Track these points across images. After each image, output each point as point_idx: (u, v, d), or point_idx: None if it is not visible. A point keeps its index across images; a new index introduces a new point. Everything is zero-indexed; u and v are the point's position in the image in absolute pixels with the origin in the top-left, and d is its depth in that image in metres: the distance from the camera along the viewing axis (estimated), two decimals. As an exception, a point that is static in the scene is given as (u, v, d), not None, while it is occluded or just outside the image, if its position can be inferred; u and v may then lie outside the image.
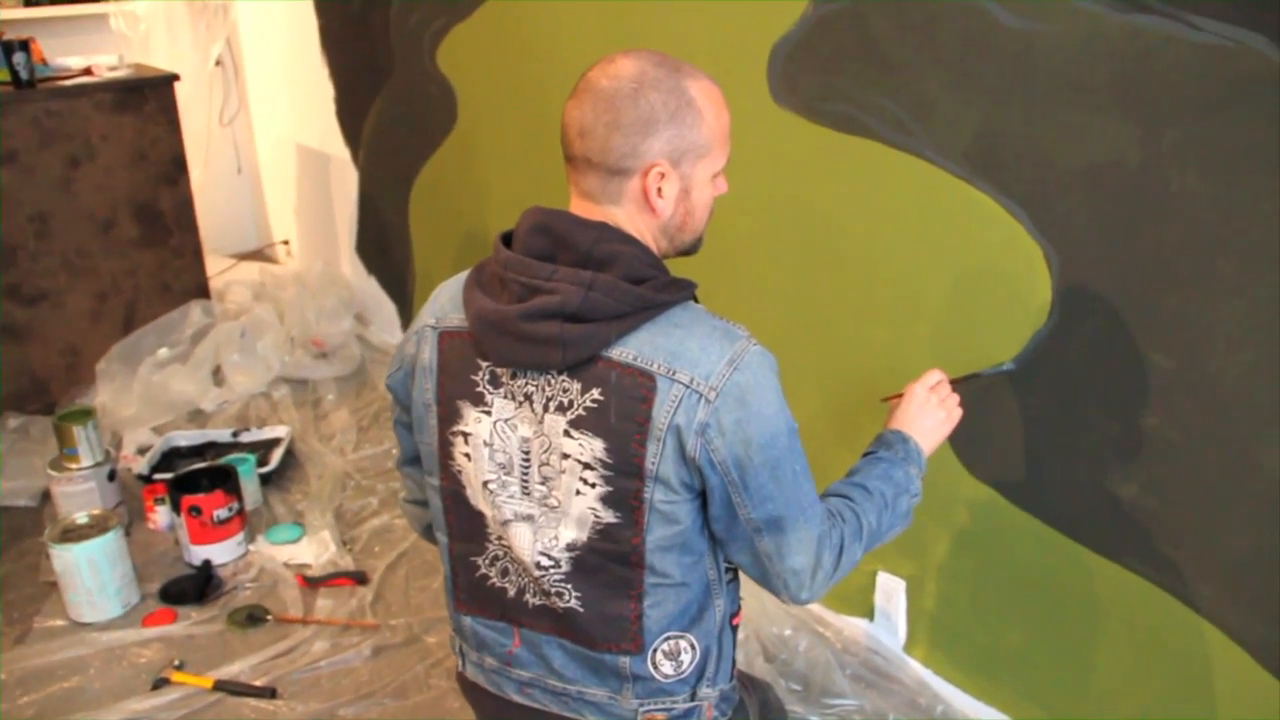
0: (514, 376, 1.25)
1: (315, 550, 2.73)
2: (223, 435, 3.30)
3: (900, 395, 1.55)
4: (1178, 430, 1.61)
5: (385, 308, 4.01)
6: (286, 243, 4.88)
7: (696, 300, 1.28)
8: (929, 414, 1.53)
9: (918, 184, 1.87)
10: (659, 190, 1.24)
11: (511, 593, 1.35)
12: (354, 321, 4.02)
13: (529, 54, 2.78)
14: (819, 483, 1.30)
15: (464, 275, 1.34)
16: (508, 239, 1.27)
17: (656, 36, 2.32)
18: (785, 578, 1.28)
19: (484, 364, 1.27)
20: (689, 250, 1.35)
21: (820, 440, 2.06)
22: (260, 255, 4.99)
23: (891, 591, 2.17)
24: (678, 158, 1.24)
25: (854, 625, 2.28)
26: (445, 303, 1.34)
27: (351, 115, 3.93)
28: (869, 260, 2.02)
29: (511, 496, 1.29)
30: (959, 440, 1.95)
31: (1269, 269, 1.46)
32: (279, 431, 3.31)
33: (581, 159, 1.24)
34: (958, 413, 1.56)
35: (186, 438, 3.28)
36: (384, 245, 3.92)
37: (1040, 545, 1.85)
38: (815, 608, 2.34)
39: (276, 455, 3.14)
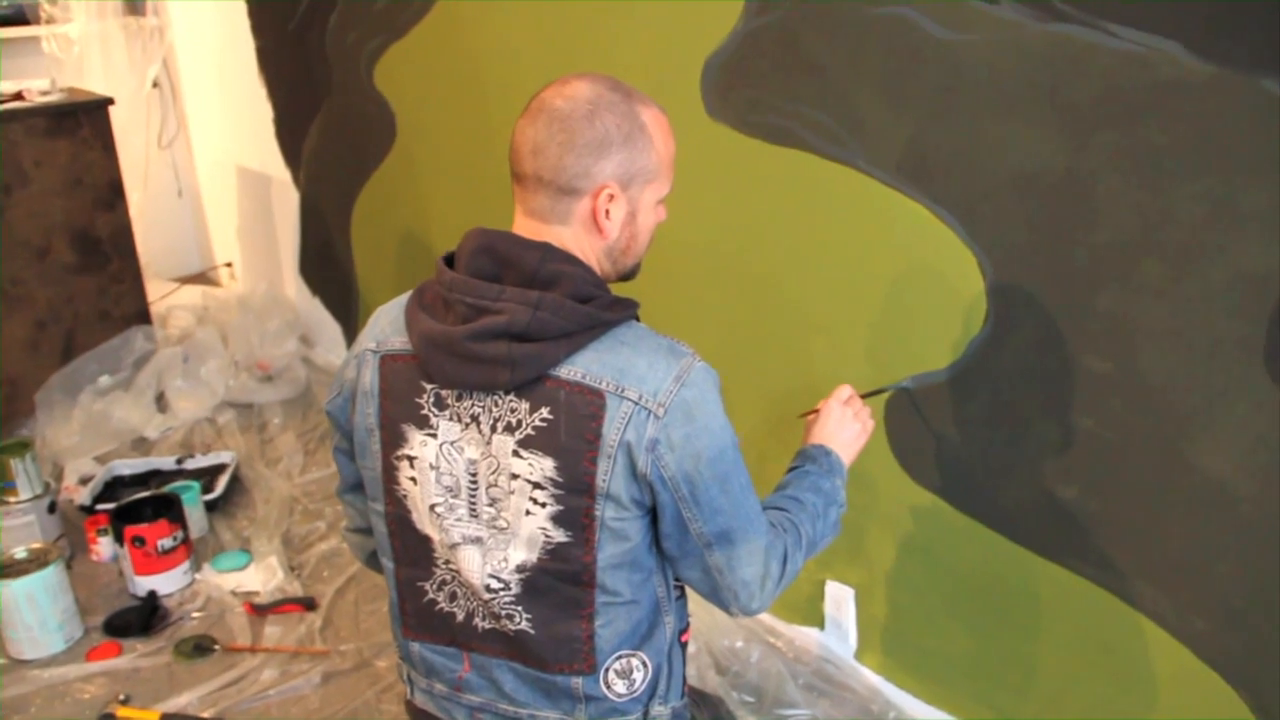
0: (460, 398, 1.25)
1: (263, 577, 2.70)
2: (167, 463, 3.25)
3: (816, 412, 1.61)
4: (1113, 431, 1.63)
5: (330, 329, 3.98)
6: (229, 265, 4.83)
7: (639, 320, 1.29)
8: (846, 427, 1.58)
9: (851, 194, 1.88)
10: (607, 212, 1.25)
11: (460, 617, 1.35)
12: (299, 343, 3.98)
13: (466, 72, 2.78)
14: (762, 493, 1.32)
15: (403, 299, 1.34)
16: (450, 261, 1.28)
17: (591, 51, 2.33)
18: (736, 590, 1.30)
19: (429, 386, 1.27)
20: (629, 275, 1.36)
21: (762, 450, 2.07)
22: (203, 278, 4.94)
23: (841, 600, 2.18)
24: (627, 181, 1.26)
25: (805, 635, 2.29)
26: (385, 326, 1.34)
27: (291, 135, 3.89)
28: (806, 271, 2.03)
29: (459, 519, 1.29)
30: (901, 447, 1.96)
31: (1194, 270, 1.48)
32: (224, 457, 3.27)
33: (532, 177, 1.24)
34: (872, 423, 1.62)
35: (129, 466, 3.23)
36: (327, 266, 3.89)
37: (985, 549, 1.87)
38: (766, 618, 2.35)
39: (222, 481, 3.10)
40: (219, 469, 3.21)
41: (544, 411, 1.21)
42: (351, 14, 3.24)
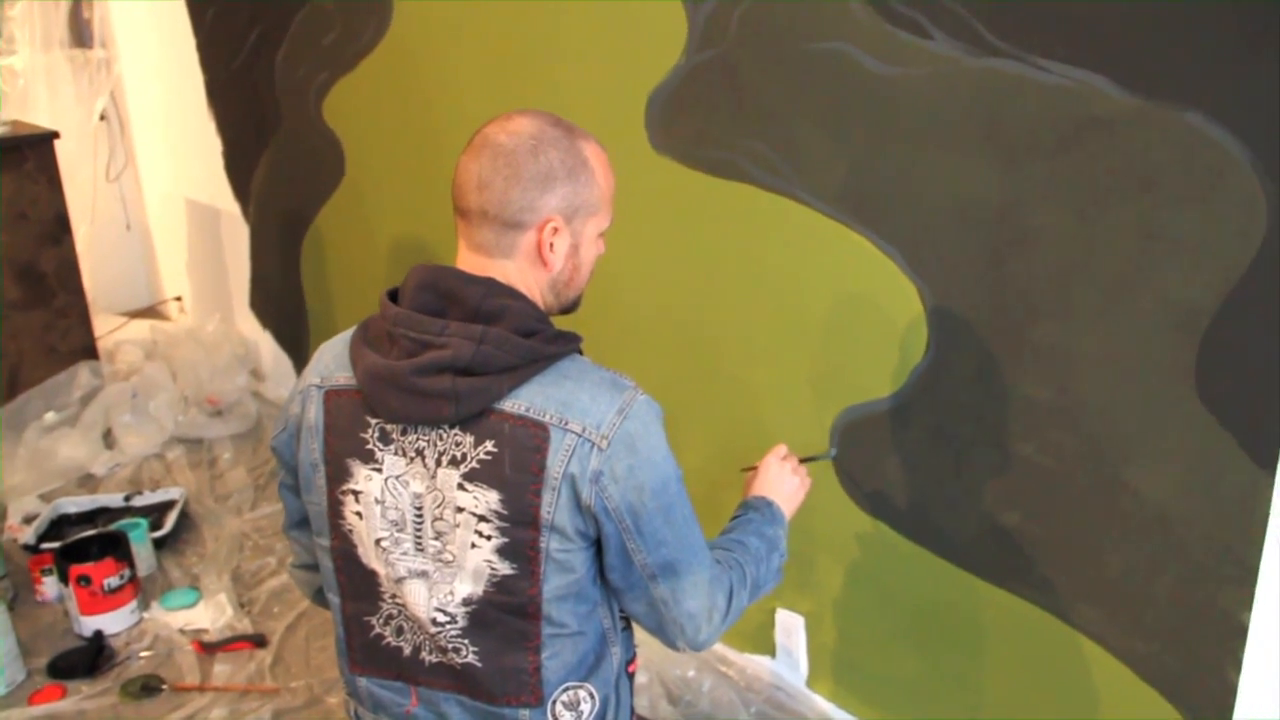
0: (404, 432, 1.26)
1: (212, 614, 2.66)
2: (114, 500, 3.21)
3: (755, 468, 1.64)
4: (1052, 457, 1.66)
5: (281, 362, 3.95)
6: (179, 299, 4.79)
7: (582, 353, 1.30)
8: (786, 481, 1.61)
9: (794, 226, 1.91)
10: (551, 245, 1.27)
11: (407, 651, 1.34)
12: (249, 377, 3.95)
13: (414, 106, 2.79)
14: (710, 524, 1.33)
15: (347, 334, 1.34)
16: (394, 296, 1.28)
17: (537, 85, 2.35)
18: (682, 623, 1.31)
19: (373, 421, 1.27)
20: (571, 307, 1.38)
21: (710, 481, 2.08)
22: (152, 312, 4.89)
23: (791, 628, 2.19)
24: (571, 214, 1.27)
25: (757, 663, 2.30)
26: (329, 362, 1.34)
27: (240, 169, 3.88)
28: (751, 301, 2.05)
29: (405, 553, 1.29)
30: (848, 475, 1.98)
31: (1126, 297, 1.52)
32: (173, 493, 3.23)
33: (478, 211, 1.25)
34: (808, 481, 1.65)
35: (76, 504, 3.18)
36: (278, 299, 3.87)
37: (931, 575, 1.89)
38: (718, 647, 2.36)
39: (171, 518, 3.06)
40: (168, 505, 3.17)
41: (488, 445, 1.22)
42: (300, 48, 3.24)
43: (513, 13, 2.37)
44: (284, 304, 3.82)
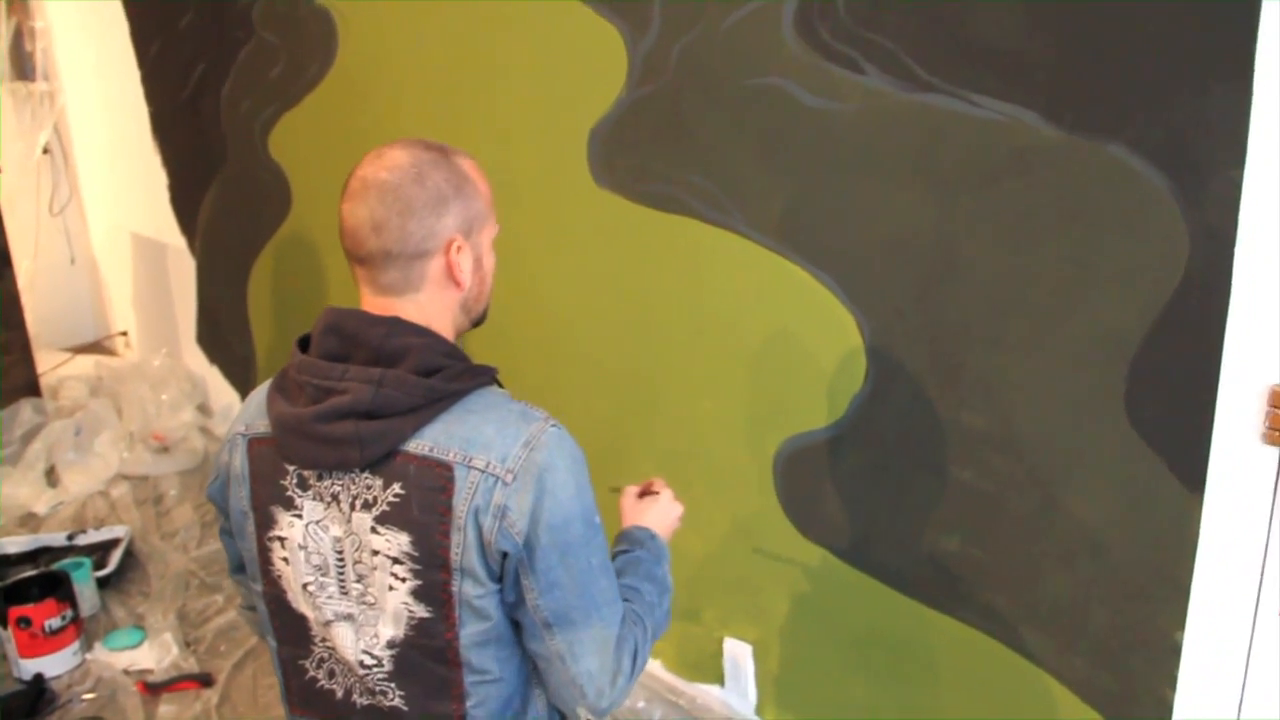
0: (320, 478, 1.25)
1: (157, 654, 2.63)
2: (57, 539, 3.16)
3: (620, 489, 1.58)
4: (990, 483, 1.69)
5: (228, 397, 3.92)
6: (125, 334, 4.74)
7: (500, 384, 1.30)
8: (671, 512, 1.54)
9: (735, 259, 1.93)
10: (459, 264, 1.26)
11: (340, 694, 1.33)
12: (196, 413, 3.91)
13: (359, 140, 2.79)
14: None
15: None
16: (305, 342, 1.27)
17: (479, 120, 2.36)
18: (581, 683, 1.25)
19: (291, 468, 1.26)
20: (480, 319, 1.37)
21: (659, 511, 2.09)
22: (98, 347, 4.83)
23: (739, 657, 2.20)
24: (468, 230, 1.27)
25: (706, 692, 2.30)
26: (253, 409, 1.33)
27: (186, 203, 3.86)
28: (693, 334, 2.07)
29: (331, 597, 1.28)
30: (791, 504, 2.00)
31: (1057, 326, 1.55)
32: (118, 531, 3.19)
33: (379, 254, 1.24)
34: (682, 510, 1.57)
35: (16, 544, 3.13)
36: (225, 334, 3.84)
37: (875, 602, 1.91)
38: (667, 677, 2.36)
39: (115, 557, 3.02)
40: (112, 544, 3.13)
41: (396, 487, 1.21)
42: (245, 82, 3.24)
43: (456, 48, 2.39)
44: (232, 338, 3.79)
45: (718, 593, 2.20)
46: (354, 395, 1.18)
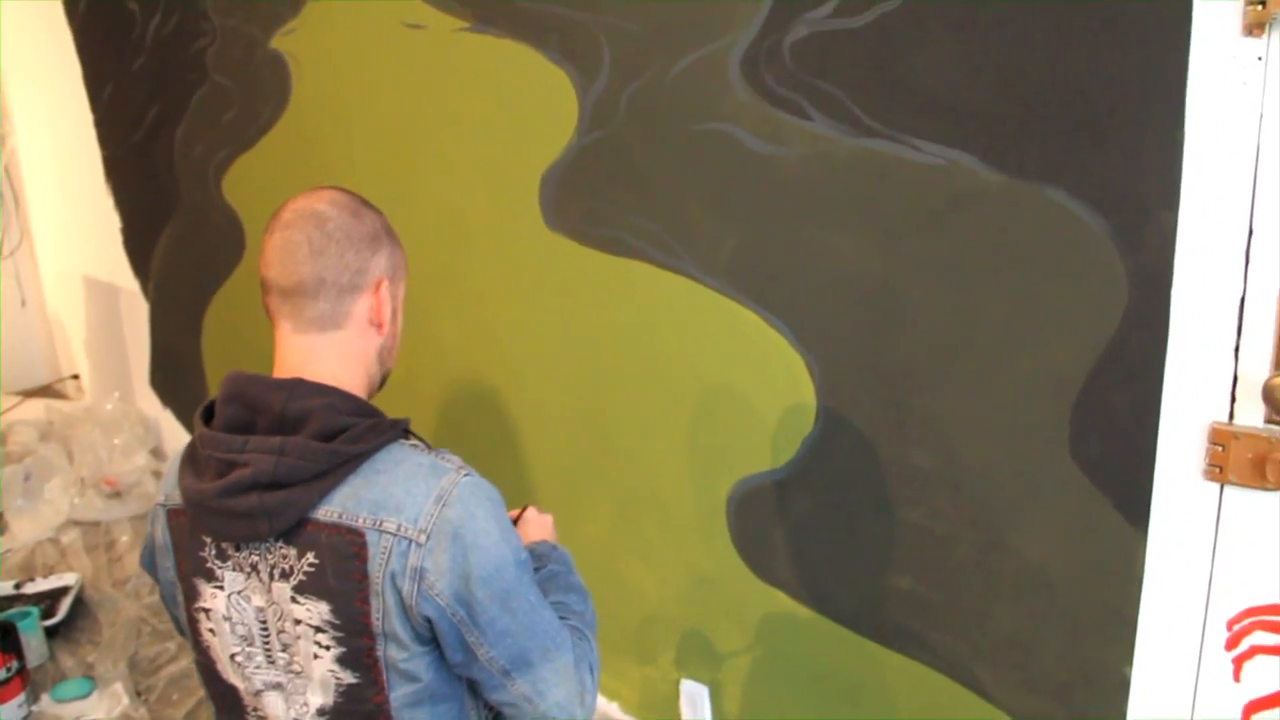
0: (238, 549, 1.23)
1: (107, 705, 2.58)
2: (3, 588, 3.10)
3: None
4: (940, 522, 1.71)
5: (183, 441, 3.87)
6: (77, 377, 4.68)
7: (414, 435, 1.27)
8: (546, 520, 1.56)
9: (686, 302, 1.95)
10: (383, 305, 1.26)
11: None
12: (149, 457, 3.87)
13: (313, 183, 2.78)
14: (612, 595, 1.28)
15: None
16: (210, 410, 1.25)
17: (432, 163, 2.37)
18: (553, 715, 1.25)
19: (208, 540, 1.25)
20: (382, 381, 1.35)
21: (611, 552, 2.09)
22: (48, 391, 4.77)
23: (696, 698, 2.19)
24: (392, 275, 1.29)
25: (665, 734, 2.30)
26: (172, 479, 1.31)
27: (140, 246, 3.83)
28: (646, 376, 2.08)
29: (259, 667, 1.26)
30: (745, 545, 2.01)
31: (1002, 366, 1.58)
32: (68, 579, 3.14)
33: (312, 280, 1.22)
34: (552, 517, 1.60)
35: (-38, 594, 3.08)
36: (178, 377, 3.81)
37: (830, 641, 1.92)
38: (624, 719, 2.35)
39: (64, 605, 2.97)
40: (61, 592, 3.08)
41: (310, 556, 1.19)
42: (199, 125, 3.23)
43: (409, 93, 2.40)
44: (185, 381, 3.76)
45: (674, 634, 2.19)
46: (256, 467, 1.15)
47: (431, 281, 2.41)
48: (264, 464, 1.15)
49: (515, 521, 1.56)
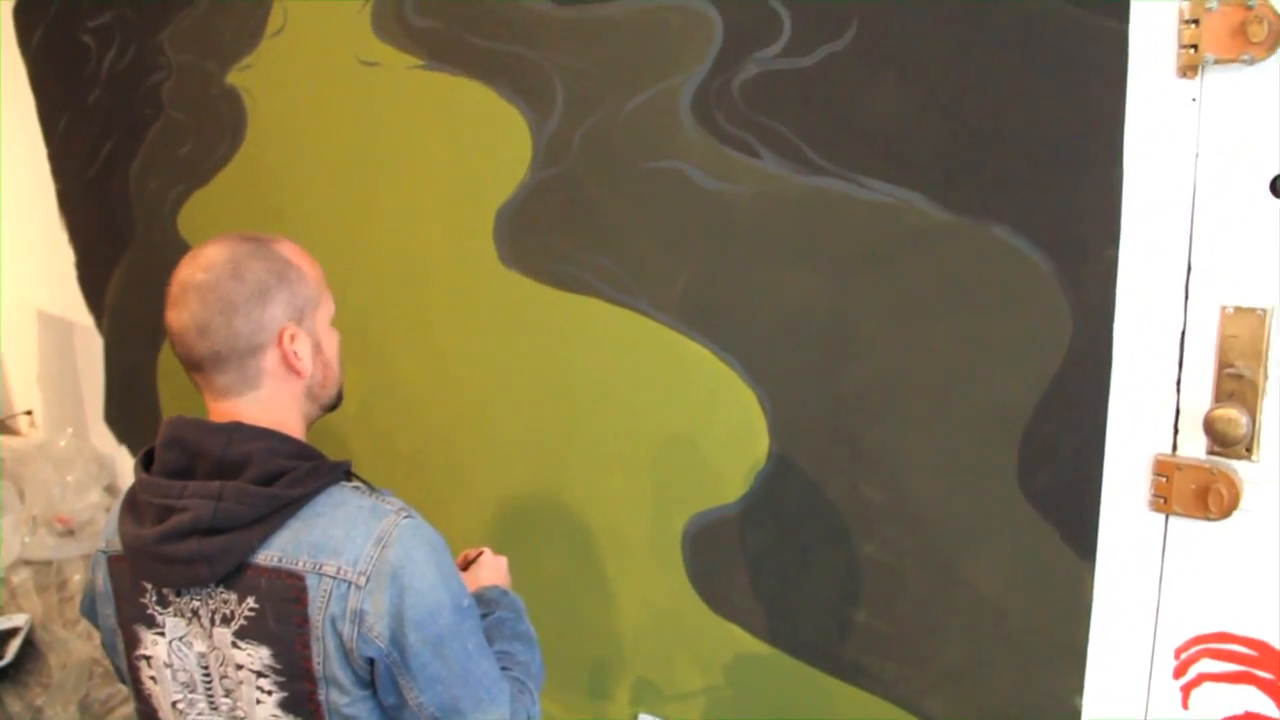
0: (179, 594, 1.22)
1: (57, 749, 2.54)
2: (-49, 631, 3.05)
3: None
4: (891, 555, 1.72)
5: (138, 477, 3.83)
6: (29, 413, 4.62)
7: (356, 477, 1.27)
8: (500, 563, 1.56)
9: (640, 338, 1.96)
10: (295, 353, 1.25)
11: None
12: (104, 494, 3.81)
13: (269, 219, 2.78)
14: (568, 633, 1.27)
15: None
16: (150, 455, 1.25)
17: (387, 201, 2.37)
18: None
19: (149, 586, 1.24)
20: (334, 404, 1.35)
21: (567, 587, 2.09)
22: (1, 427, 4.70)
23: (654, 733, 2.19)
24: (299, 316, 1.26)
25: (623, 770, 2.29)
26: (113, 525, 1.30)
27: (94, 280, 3.80)
28: (601, 413, 2.09)
29: (201, 713, 1.25)
30: (700, 581, 2.01)
31: (950, 401, 1.60)
32: (17, 620, 3.08)
33: (210, 357, 1.22)
34: (506, 560, 1.59)
35: (-93, 637, 3.01)
36: (134, 413, 3.77)
37: (786, 675, 1.92)
38: (585, 755, 2.34)
39: (13, 648, 2.92)
40: (10, 634, 3.02)
41: (250, 601, 1.18)
42: (154, 160, 3.22)
43: (365, 128, 2.40)
44: (141, 417, 3.72)
45: (631, 670, 2.19)
46: (194, 513, 1.15)
47: (387, 317, 2.41)
48: (203, 509, 1.15)
49: (471, 563, 1.56)
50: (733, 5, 1.74)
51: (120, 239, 3.53)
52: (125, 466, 3.89)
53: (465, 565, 1.56)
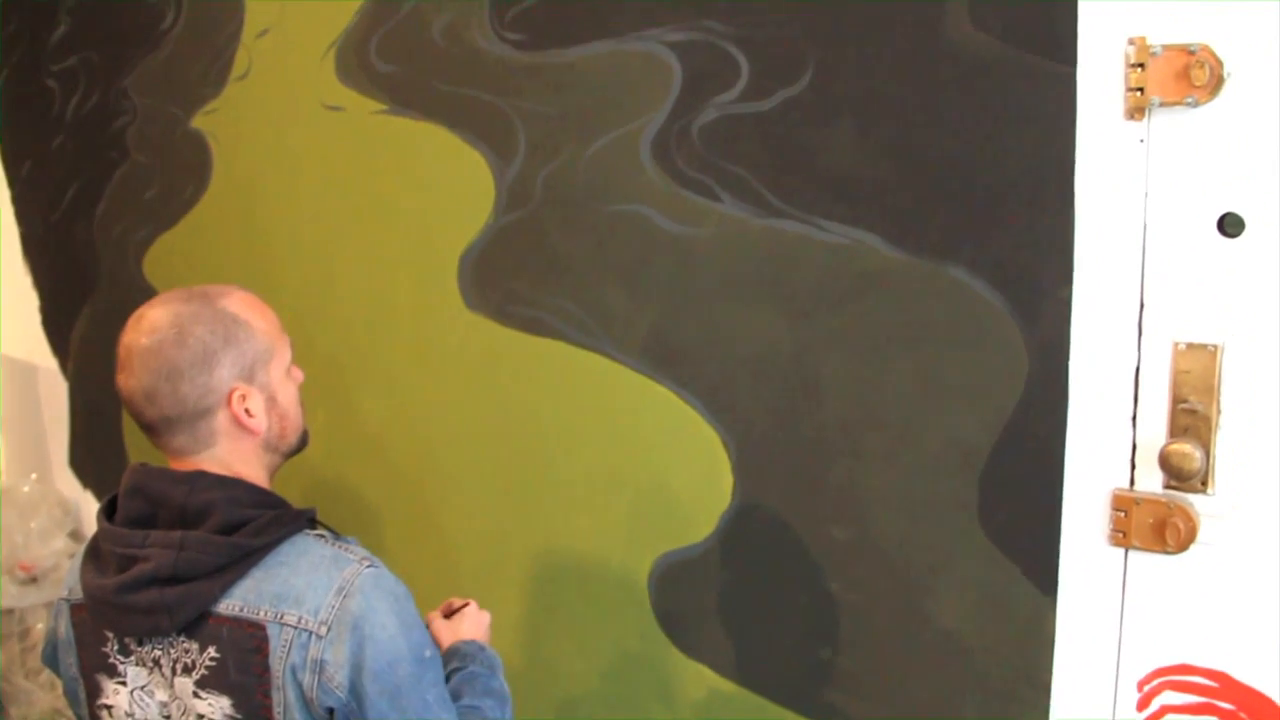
0: (140, 643, 1.22)
1: (20, 803, 2.50)
2: (-88, 682, 3.00)
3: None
4: (857, 593, 1.73)
5: (104, 522, 3.79)
6: (-7, 459, 4.57)
7: (321, 525, 1.27)
8: (484, 618, 1.54)
9: (604, 381, 1.97)
10: (247, 411, 1.24)
11: None
12: (68, 540, 3.77)
13: (234, 262, 2.78)
14: (532, 676, 1.26)
15: None
16: (113, 504, 1.25)
17: (352, 246, 2.38)
18: None
19: (110, 635, 1.24)
20: (297, 448, 1.34)
21: (535, 629, 2.09)
22: (-37, 473, 4.64)
23: (625, 774, 2.18)
24: (249, 374, 1.25)
25: (594, 812, 2.27)
26: (75, 574, 1.30)
27: (59, 324, 3.77)
28: (567, 455, 2.09)
29: None
30: (666, 620, 2.01)
31: (911, 439, 1.62)
32: (-21, 671, 3.05)
33: (161, 421, 1.22)
34: (490, 617, 1.57)
35: None
36: (99, 458, 3.74)
37: (754, 715, 1.91)
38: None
39: (-25, 699, 2.88)
40: (-28, 685, 2.98)
41: (212, 650, 1.18)
42: (119, 204, 3.21)
43: (330, 172, 2.41)
44: (107, 462, 3.69)
45: (599, 711, 2.18)
46: (156, 562, 1.16)
47: (353, 361, 2.41)
48: (164, 559, 1.16)
49: (455, 612, 1.56)
50: (691, 51, 1.77)
51: (85, 283, 3.51)
52: (90, 512, 3.85)
53: (449, 613, 1.56)
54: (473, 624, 1.52)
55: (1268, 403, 1.37)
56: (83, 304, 3.57)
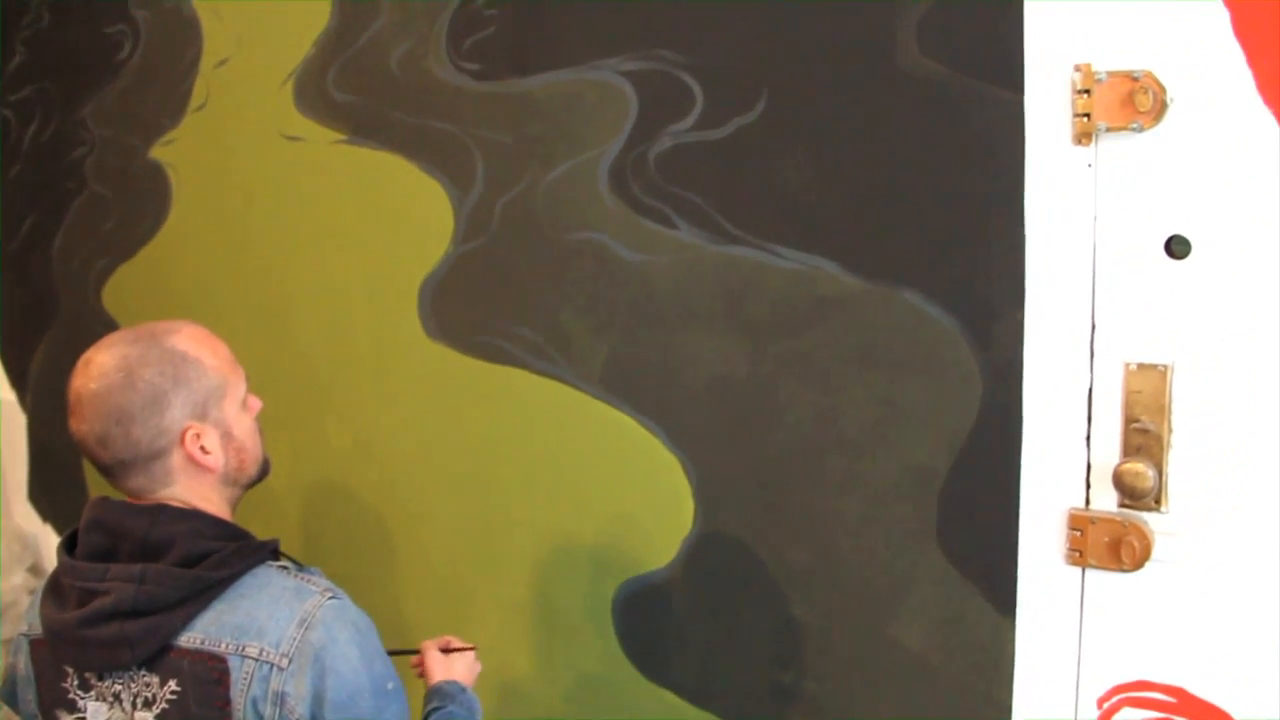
0: (100, 678, 1.21)
1: (-23, 846, 2.45)
2: None
3: (417, 651, 1.57)
4: (819, 617, 1.74)
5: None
6: (-48, 493, 4.51)
7: (284, 556, 1.27)
8: (476, 666, 1.55)
9: (564, 408, 1.97)
10: (202, 448, 1.24)
11: None
12: (27, 575, 3.72)
13: (194, 293, 2.77)
14: (509, 699, 1.26)
15: None
16: (73, 538, 1.24)
17: (311, 276, 2.37)
18: None
19: (70, 670, 1.23)
20: (258, 478, 1.34)
21: (501, 659, 2.08)
22: (-78, 509, 4.58)
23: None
24: (202, 412, 1.24)
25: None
26: (35, 609, 1.30)
27: (17, 356, 3.73)
28: (527, 482, 2.09)
29: None
30: (631, 647, 2.01)
31: (869, 463, 1.63)
32: (-63, 711, 2.99)
33: (115, 465, 1.22)
34: (480, 668, 1.58)
35: None
36: (59, 490, 3.69)
37: (720, 739, 1.93)
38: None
39: (-67, 739, 2.83)
40: (-70, 725, 2.93)
41: (172, 684, 1.18)
42: (77, 235, 3.19)
43: (289, 202, 2.41)
44: (67, 495, 3.65)
45: (567, 739, 2.18)
46: (116, 596, 1.15)
47: (313, 392, 2.40)
48: (125, 592, 1.15)
49: (454, 651, 1.56)
50: (646, 80, 1.78)
51: (44, 315, 3.48)
52: (50, 546, 3.80)
53: (447, 649, 1.57)
54: (465, 668, 1.53)
55: (1217, 421, 1.39)
56: (41, 336, 3.53)
